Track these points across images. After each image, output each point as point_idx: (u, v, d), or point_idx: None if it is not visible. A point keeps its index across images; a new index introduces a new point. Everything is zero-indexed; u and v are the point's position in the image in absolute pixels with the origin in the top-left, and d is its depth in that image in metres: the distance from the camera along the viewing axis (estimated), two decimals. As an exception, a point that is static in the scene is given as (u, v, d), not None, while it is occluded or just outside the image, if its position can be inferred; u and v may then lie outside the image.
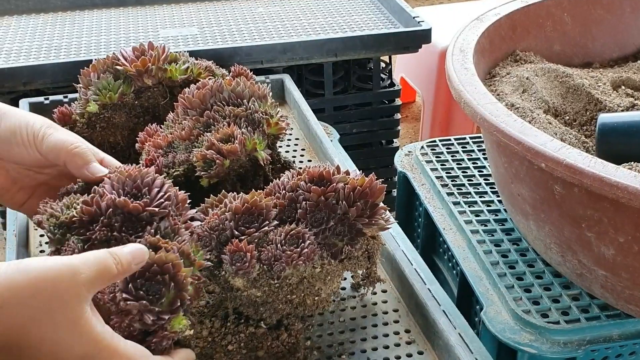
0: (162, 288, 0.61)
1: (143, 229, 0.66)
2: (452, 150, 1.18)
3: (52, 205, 0.69)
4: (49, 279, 0.54)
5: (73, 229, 0.67)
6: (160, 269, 0.61)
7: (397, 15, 1.54)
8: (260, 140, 0.84)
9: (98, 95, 0.96)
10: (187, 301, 0.62)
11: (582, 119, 0.97)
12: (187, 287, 0.62)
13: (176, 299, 0.61)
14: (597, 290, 0.84)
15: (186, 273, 0.62)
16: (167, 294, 0.61)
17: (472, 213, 1.02)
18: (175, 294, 0.61)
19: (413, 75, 2.43)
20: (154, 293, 0.61)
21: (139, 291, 0.60)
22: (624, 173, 0.67)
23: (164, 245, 0.63)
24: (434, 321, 0.74)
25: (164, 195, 0.68)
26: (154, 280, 0.61)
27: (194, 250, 0.67)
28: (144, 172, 0.69)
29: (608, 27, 1.13)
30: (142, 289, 0.60)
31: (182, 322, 0.62)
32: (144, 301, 0.60)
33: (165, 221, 0.67)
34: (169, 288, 0.61)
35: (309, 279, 0.69)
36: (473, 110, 0.82)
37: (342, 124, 1.53)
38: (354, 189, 0.70)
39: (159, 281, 0.61)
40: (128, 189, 0.68)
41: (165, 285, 0.61)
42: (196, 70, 1.00)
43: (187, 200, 0.71)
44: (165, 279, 0.61)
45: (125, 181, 0.68)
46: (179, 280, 0.61)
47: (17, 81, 1.30)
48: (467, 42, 0.97)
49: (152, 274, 0.61)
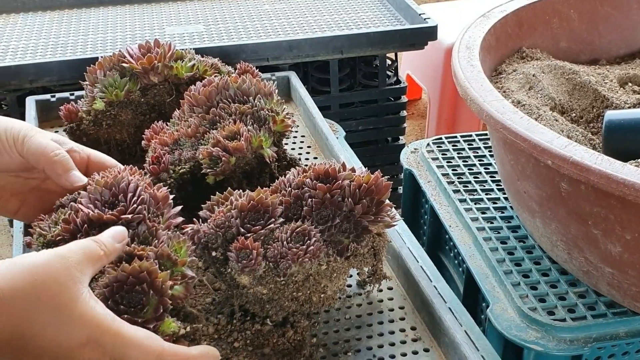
0: (143, 297, 0.60)
1: None
2: (458, 147, 1.18)
3: (41, 225, 0.70)
4: (41, 267, 0.55)
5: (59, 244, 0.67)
6: (136, 279, 0.60)
7: (403, 12, 1.54)
8: (266, 138, 0.84)
9: (104, 93, 0.96)
10: (169, 305, 0.61)
11: (588, 116, 0.97)
12: (167, 292, 0.61)
13: (159, 305, 0.61)
14: (604, 288, 0.84)
15: (164, 277, 0.61)
16: (149, 302, 0.60)
17: (478, 210, 1.02)
18: (157, 300, 0.61)
19: (419, 72, 2.43)
20: (136, 304, 0.60)
21: (120, 305, 0.59)
22: (630, 170, 0.67)
23: (137, 253, 0.63)
24: (440, 318, 0.74)
25: (137, 200, 0.67)
26: (133, 291, 0.60)
27: (176, 248, 0.66)
28: (118, 178, 0.69)
29: (615, 23, 1.13)
30: (123, 303, 0.60)
31: (172, 326, 0.61)
32: (126, 315, 0.59)
33: (142, 225, 0.67)
34: (149, 296, 0.60)
35: (314, 276, 0.69)
36: (479, 107, 0.82)
37: (348, 121, 1.53)
38: (359, 186, 0.70)
39: (139, 291, 0.60)
40: (105, 198, 0.68)
41: (145, 294, 0.60)
42: (202, 67, 1.00)
43: (169, 198, 0.71)
44: (143, 288, 0.60)
45: (102, 191, 0.68)
46: (157, 287, 0.61)
47: (23, 79, 1.31)
48: (473, 39, 0.97)
49: (130, 286, 0.60)
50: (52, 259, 0.56)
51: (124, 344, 0.56)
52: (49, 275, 0.55)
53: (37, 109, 1.17)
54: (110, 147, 0.98)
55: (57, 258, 0.57)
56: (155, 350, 0.57)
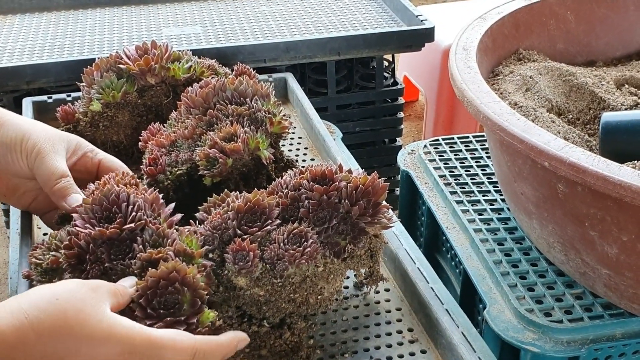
0: (178, 296, 0.62)
1: (130, 248, 0.66)
2: (455, 149, 1.18)
3: (35, 254, 0.70)
4: (65, 294, 0.56)
5: (60, 270, 0.68)
6: (167, 281, 0.61)
7: (400, 14, 1.54)
8: (263, 139, 0.84)
9: (101, 94, 0.96)
10: (205, 296, 0.63)
11: (585, 117, 0.97)
12: (199, 285, 0.63)
13: (195, 299, 0.62)
14: (601, 289, 0.84)
15: (192, 272, 0.63)
16: (184, 299, 0.62)
17: (475, 212, 1.02)
18: (191, 295, 0.62)
19: (416, 73, 2.43)
20: (173, 304, 0.61)
21: (159, 310, 0.61)
22: (627, 172, 0.67)
23: (157, 257, 0.64)
24: (436, 320, 0.74)
25: (134, 207, 0.67)
26: (167, 293, 0.61)
27: (188, 242, 0.67)
28: (105, 191, 0.69)
29: (612, 25, 1.13)
30: (160, 307, 0.61)
31: (210, 316, 0.63)
32: (168, 317, 0.60)
33: (147, 230, 0.67)
34: (184, 293, 0.62)
35: (311, 278, 0.69)
36: (476, 109, 0.82)
37: (345, 123, 1.53)
38: (356, 187, 0.70)
39: (172, 292, 0.61)
40: (99, 214, 0.68)
41: (179, 292, 0.62)
42: (199, 69, 1.00)
43: (160, 198, 0.71)
44: (176, 287, 0.62)
45: (93, 208, 0.68)
46: (189, 282, 0.62)
47: (20, 80, 1.31)
48: (470, 41, 0.97)
49: (163, 289, 0.61)
50: (72, 284, 0.58)
51: (156, 347, 0.57)
52: (71, 295, 0.56)
53: (33, 110, 1.17)
54: (107, 149, 0.98)
55: (77, 282, 0.59)
56: (188, 346, 0.59)
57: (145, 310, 0.61)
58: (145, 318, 0.60)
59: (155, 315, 0.60)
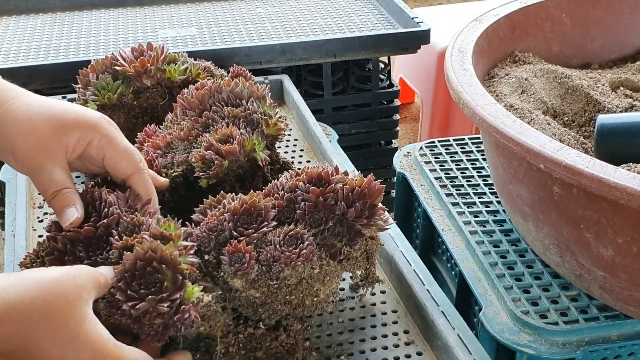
0: (157, 275, 0.61)
1: (107, 242, 0.66)
2: (451, 151, 1.18)
3: (24, 262, 0.69)
4: (52, 282, 0.55)
5: None
6: (145, 261, 0.61)
7: (396, 16, 1.54)
8: (259, 141, 0.84)
9: (97, 96, 0.96)
10: (186, 272, 0.62)
11: (580, 119, 0.97)
12: (178, 261, 0.62)
13: (175, 275, 0.62)
14: (596, 291, 0.84)
15: (169, 249, 0.62)
16: (166, 277, 0.61)
17: (470, 214, 1.02)
18: (172, 272, 0.62)
19: (412, 76, 2.43)
20: (154, 284, 0.61)
21: (140, 291, 0.60)
22: (622, 174, 0.67)
23: (133, 242, 0.63)
24: (432, 322, 0.74)
25: (105, 204, 0.68)
26: (146, 274, 0.61)
27: (165, 227, 0.67)
28: (82, 193, 0.69)
29: (607, 28, 1.13)
30: (141, 288, 0.60)
31: (195, 290, 0.62)
32: (150, 295, 0.60)
33: (122, 223, 0.67)
34: (163, 271, 0.61)
35: (307, 280, 0.69)
36: (472, 111, 0.82)
37: (341, 125, 1.53)
38: (352, 189, 0.70)
39: (151, 272, 0.61)
40: None
41: (158, 271, 0.61)
42: (195, 70, 1.00)
43: (135, 193, 0.70)
44: (154, 266, 0.61)
45: None
46: (167, 260, 0.62)
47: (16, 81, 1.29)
48: (466, 43, 0.97)
49: (141, 270, 0.61)
50: (63, 277, 0.57)
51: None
52: (59, 291, 0.55)
53: (29, 111, 1.17)
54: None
55: (68, 276, 0.57)
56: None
57: (125, 293, 0.60)
58: (128, 300, 0.60)
59: (137, 296, 0.60)
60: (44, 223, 0.93)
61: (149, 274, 0.61)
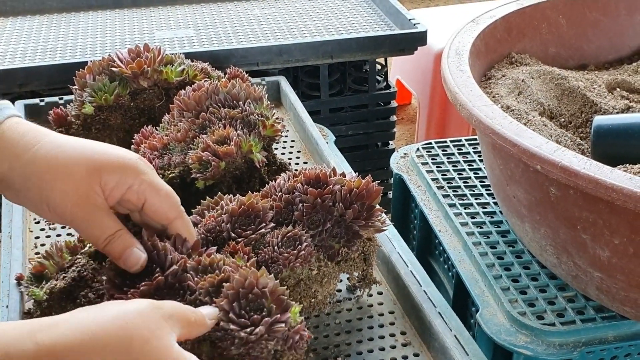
0: (261, 300, 0.59)
1: (181, 288, 0.62)
2: (448, 152, 1.18)
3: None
4: (132, 312, 0.53)
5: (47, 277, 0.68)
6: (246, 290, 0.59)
7: (392, 17, 1.55)
8: (256, 142, 0.84)
9: (93, 97, 0.96)
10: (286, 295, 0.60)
11: (577, 121, 0.97)
12: (275, 284, 0.60)
13: (278, 296, 0.60)
14: (593, 292, 0.84)
15: (262, 274, 0.60)
16: (269, 301, 0.59)
17: (467, 215, 1.03)
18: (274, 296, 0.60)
19: (409, 77, 2.43)
20: (260, 310, 0.59)
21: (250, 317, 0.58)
22: (619, 175, 0.67)
23: (222, 278, 0.61)
24: (429, 323, 0.74)
25: (166, 251, 0.63)
26: (250, 302, 0.59)
27: (238, 260, 0.65)
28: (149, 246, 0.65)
29: (603, 29, 1.14)
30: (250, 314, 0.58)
31: (297, 310, 0.61)
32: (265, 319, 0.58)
33: (191, 266, 0.63)
34: (266, 296, 0.59)
35: (305, 281, 0.69)
36: (469, 112, 0.82)
37: (338, 126, 1.53)
38: (350, 191, 0.70)
39: (255, 298, 0.59)
40: None
41: (261, 297, 0.59)
42: (192, 72, 1.00)
43: (181, 237, 0.66)
44: (257, 293, 0.59)
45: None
46: (266, 284, 0.60)
47: (12, 83, 1.30)
48: (462, 44, 0.97)
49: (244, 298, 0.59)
50: (146, 308, 0.54)
51: None
52: (142, 320, 0.52)
53: (25, 113, 1.17)
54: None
55: (152, 307, 0.54)
56: None
57: (237, 322, 0.58)
58: (243, 328, 0.57)
59: (249, 323, 0.58)
60: (40, 224, 0.93)
61: (253, 301, 0.59)
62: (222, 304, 0.58)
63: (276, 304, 0.59)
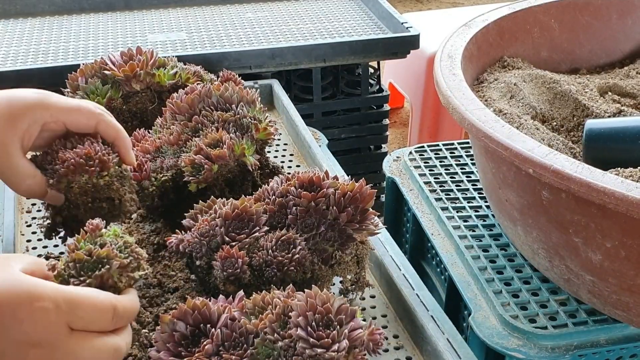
0: (325, 316, 0.58)
1: None
2: (441, 155, 1.18)
3: None
4: None
5: None
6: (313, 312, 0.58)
7: (385, 21, 1.55)
8: (249, 145, 0.84)
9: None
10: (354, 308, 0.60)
11: (569, 124, 0.98)
12: (327, 293, 0.60)
13: (339, 307, 0.59)
14: (585, 296, 0.85)
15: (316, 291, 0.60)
16: (332, 314, 0.59)
17: (460, 218, 1.03)
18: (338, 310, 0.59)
19: (401, 80, 2.44)
20: (328, 325, 0.58)
21: (330, 334, 0.57)
22: (610, 179, 0.67)
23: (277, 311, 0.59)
24: (422, 326, 0.74)
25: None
26: (317, 321, 0.58)
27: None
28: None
29: (595, 33, 1.14)
30: (326, 332, 0.57)
31: (360, 314, 0.61)
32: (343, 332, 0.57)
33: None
34: (329, 311, 0.59)
35: (299, 285, 0.69)
36: (461, 115, 0.83)
37: (331, 129, 1.53)
38: (344, 194, 0.70)
39: (323, 319, 0.58)
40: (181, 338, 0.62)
41: (323, 314, 0.58)
42: (184, 75, 1.00)
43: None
44: (318, 311, 0.58)
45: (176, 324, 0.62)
46: (328, 298, 0.60)
47: (4, 86, 1.29)
48: (455, 48, 0.98)
49: (312, 320, 0.58)
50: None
51: (73, 303, 0.53)
52: None
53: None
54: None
55: None
56: (109, 303, 0.56)
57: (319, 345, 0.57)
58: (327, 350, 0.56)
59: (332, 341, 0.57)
60: (32, 227, 0.93)
61: (320, 320, 0.58)
62: (299, 333, 0.57)
63: (342, 314, 0.59)
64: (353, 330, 0.58)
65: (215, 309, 0.61)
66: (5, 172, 0.69)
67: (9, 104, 0.68)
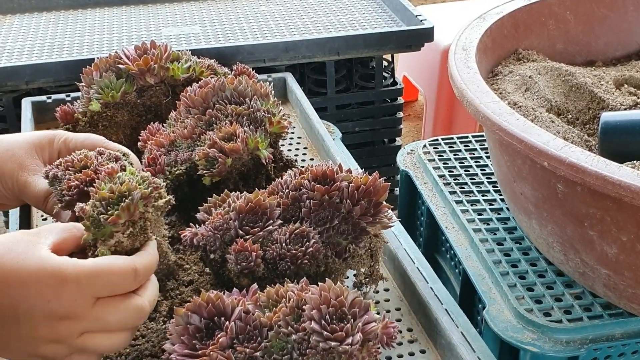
0: (339, 310, 0.58)
1: None
2: (455, 148, 1.18)
3: None
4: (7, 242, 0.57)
5: None
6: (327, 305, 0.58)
7: (399, 14, 1.54)
8: (263, 139, 0.84)
9: (100, 94, 0.96)
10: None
11: (584, 117, 0.97)
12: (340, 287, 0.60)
13: (353, 300, 0.59)
14: (600, 289, 0.84)
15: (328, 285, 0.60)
16: (346, 307, 0.59)
17: (474, 212, 1.02)
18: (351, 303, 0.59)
19: (415, 73, 2.43)
20: (342, 319, 0.58)
21: (344, 328, 0.57)
22: (626, 172, 0.67)
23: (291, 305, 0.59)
24: (436, 320, 0.74)
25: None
26: (331, 314, 0.58)
27: None
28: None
29: (611, 25, 1.13)
30: (340, 326, 0.57)
31: (374, 307, 0.61)
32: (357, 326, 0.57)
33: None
34: (343, 304, 0.58)
35: (313, 278, 0.69)
36: (475, 108, 0.82)
37: (345, 123, 1.53)
38: (358, 187, 0.70)
39: (332, 311, 0.58)
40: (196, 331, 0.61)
41: (337, 307, 0.58)
42: (198, 68, 1.00)
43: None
44: (332, 305, 0.58)
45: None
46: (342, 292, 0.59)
47: (19, 80, 1.31)
48: (469, 41, 0.97)
49: (325, 313, 0.58)
50: (17, 233, 0.59)
51: (92, 276, 0.56)
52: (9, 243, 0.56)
53: (33, 110, 1.17)
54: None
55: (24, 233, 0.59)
56: (128, 266, 0.58)
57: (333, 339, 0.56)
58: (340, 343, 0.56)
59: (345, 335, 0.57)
60: (47, 221, 0.93)
61: (337, 315, 0.58)
62: (313, 327, 0.57)
63: (356, 307, 0.59)
64: (367, 324, 0.58)
65: (229, 302, 0.61)
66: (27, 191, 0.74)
67: (34, 135, 0.77)
